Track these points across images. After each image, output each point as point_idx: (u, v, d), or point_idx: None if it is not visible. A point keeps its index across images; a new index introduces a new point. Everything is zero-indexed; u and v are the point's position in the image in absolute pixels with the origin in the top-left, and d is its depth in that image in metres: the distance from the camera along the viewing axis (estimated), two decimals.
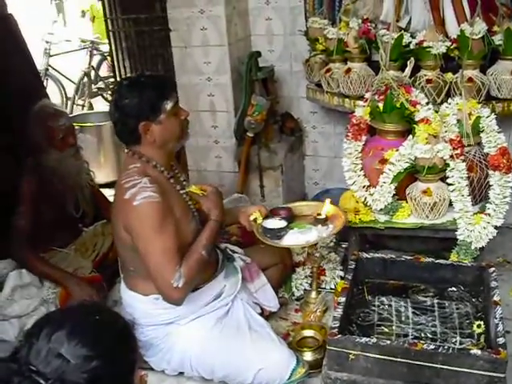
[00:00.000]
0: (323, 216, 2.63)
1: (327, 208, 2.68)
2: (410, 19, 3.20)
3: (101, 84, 7.54)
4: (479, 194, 2.86)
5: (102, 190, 3.45)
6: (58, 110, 2.97)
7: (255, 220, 2.59)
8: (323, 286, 3.00)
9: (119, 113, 2.16)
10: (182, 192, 2.31)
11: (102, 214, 3.22)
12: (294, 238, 2.55)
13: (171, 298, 2.10)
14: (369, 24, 3.15)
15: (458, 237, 2.77)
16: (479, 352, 1.95)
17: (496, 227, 2.75)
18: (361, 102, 2.95)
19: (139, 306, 2.28)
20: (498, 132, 2.77)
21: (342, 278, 2.93)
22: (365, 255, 2.66)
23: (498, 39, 3.00)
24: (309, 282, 2.97)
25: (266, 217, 2.63)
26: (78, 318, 1.32)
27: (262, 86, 3.63)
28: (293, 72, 3.92)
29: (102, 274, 2.92)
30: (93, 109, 7.16)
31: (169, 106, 2.17)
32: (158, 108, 2.15)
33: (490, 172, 2.77)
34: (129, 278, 2.33)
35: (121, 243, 2.24)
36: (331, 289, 2.98)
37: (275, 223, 2.58)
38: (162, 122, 2.16)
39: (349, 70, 3.19)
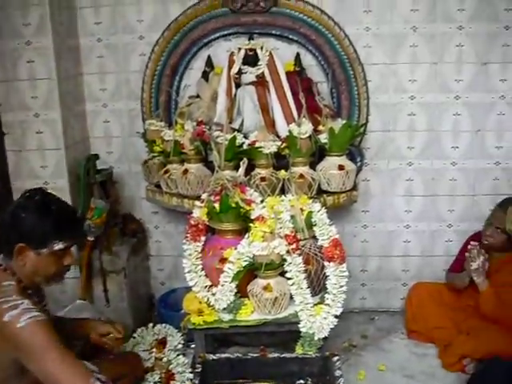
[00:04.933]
0: None
1: None
2: (243, 121, 3.35)
3: None
4: (318, 285, 2.94)
5: None
6: None
7: None
8: None
9: (9, 218, 2.07)
10: None
11: None
12: None
13: None
14: (203, 126, 3.24)
15: (300, 329, 2.80)
16: None
17: (336, 316, 2.82)
18: (198, 203, 2.98)
19: None
20: (330, 225, 2.90)
21: (191, 381, 2.84)
22: (211, 357, 2.64)
23: (323, 138, 3.22)
24: None
25: None
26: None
27: (101, 188, 3.57)
28: (132, 173, 3.92)
29: None
30: None
31: (57, 247, 2.09)
32: (45, 242, 2.07)
33: (326, 263, 2.86)
34: None
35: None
36: None
37: None
38: (41, 255, 2.08)
39: (186, 171, 3.23)
